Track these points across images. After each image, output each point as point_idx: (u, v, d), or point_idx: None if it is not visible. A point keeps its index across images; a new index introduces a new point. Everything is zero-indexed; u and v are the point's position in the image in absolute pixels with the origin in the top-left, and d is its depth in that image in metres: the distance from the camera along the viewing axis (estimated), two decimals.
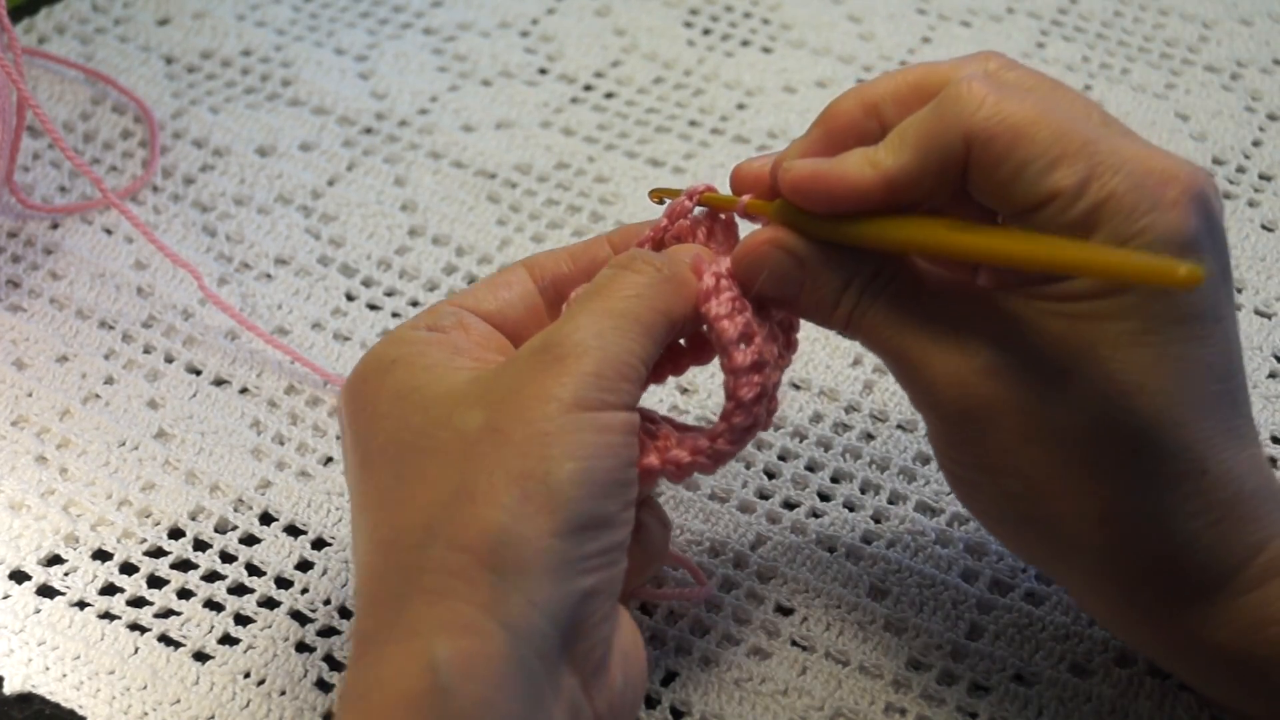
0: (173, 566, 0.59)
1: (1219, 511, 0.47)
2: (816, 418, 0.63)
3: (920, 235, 0.47)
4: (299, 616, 0.57)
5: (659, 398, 0.63)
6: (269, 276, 0.69)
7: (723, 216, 0.53)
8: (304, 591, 0.58)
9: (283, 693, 0.55)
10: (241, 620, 0.57)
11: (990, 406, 0.47)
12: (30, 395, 0.64)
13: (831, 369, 0.64)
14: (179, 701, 0.55)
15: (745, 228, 0.53)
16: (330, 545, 0.59)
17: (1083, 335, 0.46)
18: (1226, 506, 0.47)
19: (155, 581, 0.58)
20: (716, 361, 0.51)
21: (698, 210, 0.54)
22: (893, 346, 0.49)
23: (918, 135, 0.47)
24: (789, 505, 0.60)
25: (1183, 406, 0.46)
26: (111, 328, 0.67)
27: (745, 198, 0.52)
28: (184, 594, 0.58)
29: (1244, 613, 0.47)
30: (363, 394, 0.49)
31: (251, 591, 0.58)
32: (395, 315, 0.68)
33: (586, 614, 0.46)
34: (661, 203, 0.55)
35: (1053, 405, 0.47)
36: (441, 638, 0.44)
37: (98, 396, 0.65)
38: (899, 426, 0.62)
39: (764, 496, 0.60)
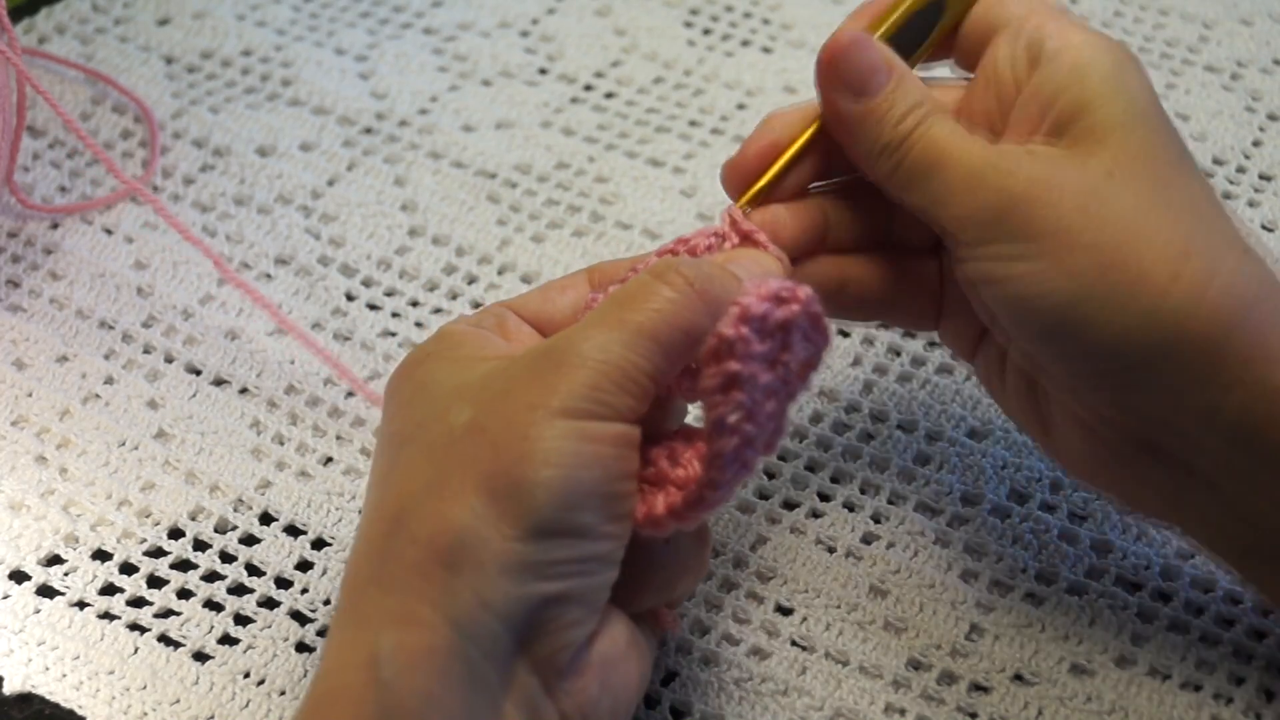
0: (172, 566, 0.59)
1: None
2: (816, 418, 0.63)
3: None
4: (299, 617, 0.57)
5: None
6: (269, 276, 0.69)
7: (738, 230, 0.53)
8: (304, 591, 0.58)
9: (283, 693, 0.55)
10: (241, 620, 0.57)
11: (1050, 179, 0.49)
12: (30, 395, 0.64)
13: (831, 369, 0.64)
14: (179, 701, 0.55)
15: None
16: (330, 545, 0.59)
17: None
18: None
19: (155, 581, 0.58)
20: None
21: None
22: (947, 152, 0.51)
23: None
24: (789, 505, 0.60)
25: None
26: (111, 328, 0.67)
27: (731, 206, 0.53)
28: (184, 594, 0.58)
29: None
30: (394, 385, 0.50)
31: (251, 591, 0.58)
32: (395, 315, 0.68)
33: (549, 618, 0.46)
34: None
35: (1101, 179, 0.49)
36: (388, 630, 0.45)
37: (98, 396, 0.65)
38: (899, 426, 0.62)
39: (764, 497, 0.60)
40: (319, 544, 0.59)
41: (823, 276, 0.54)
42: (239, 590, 0.58)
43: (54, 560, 0.59)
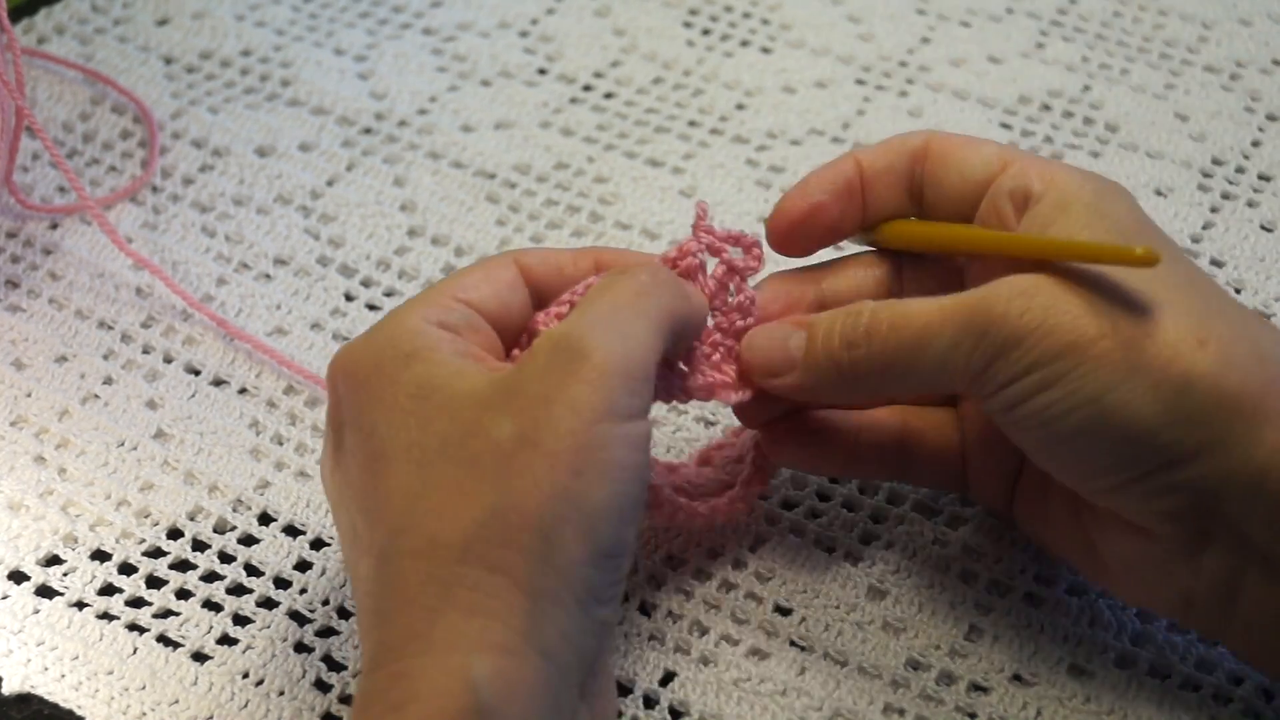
0: (171, 567, 0.59)
1: None
2: None
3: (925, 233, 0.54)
4: (297, 617, 0.57)
5: None
6: (268, 277, 0.69)
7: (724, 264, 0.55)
8: (302, 592, 0.58)
9: (281, 693, 0.55)
10: (240, 620, 0.57)
11: (1039, 285, 0.49)
12: (29, 395, 0.64)
13: None
14: (177, 702, 0.55)
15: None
16: (329, 545, 0.59)
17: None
18: None
19: (154, 582, 0.58)
20: None
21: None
22: (908, 310, 0.50)
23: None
24: (788, 505, 0.60)
25: None
26: (110, 328, 0.67)
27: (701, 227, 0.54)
28: (182, 594, 0.58)
29: None
30: (376, 383, 0.47)
31: (250, 592, 0.58)
32: None
33: (601, 648, 0.46)
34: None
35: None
36: (481, 656, 0.43)
37: (96, 396, 0.65)
38: None
39: (763, 497, 0.60)
40: (318, 544, 0.59)
41: (838, 432, 0.55)
42: (238, 590, 0.58)
43: (53, 560, 0.59)
